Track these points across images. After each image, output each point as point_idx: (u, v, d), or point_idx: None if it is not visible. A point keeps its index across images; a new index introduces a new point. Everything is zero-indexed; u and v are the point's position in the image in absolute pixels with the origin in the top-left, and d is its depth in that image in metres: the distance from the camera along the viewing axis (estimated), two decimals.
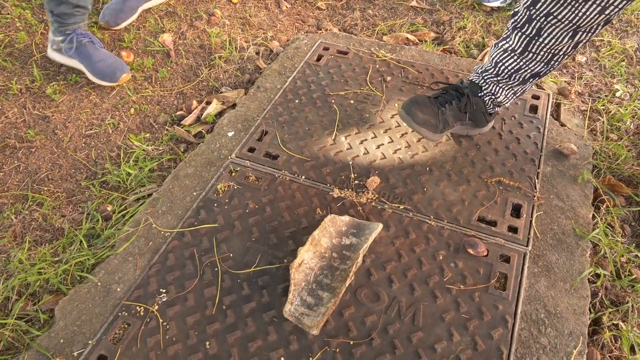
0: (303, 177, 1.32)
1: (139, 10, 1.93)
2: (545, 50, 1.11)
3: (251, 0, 2.08)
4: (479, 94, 1.29)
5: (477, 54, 1.77)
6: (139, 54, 1.81)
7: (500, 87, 1.26)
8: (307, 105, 1.53)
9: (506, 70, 1.20)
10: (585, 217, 1.23)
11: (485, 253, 1.14)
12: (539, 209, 1.24)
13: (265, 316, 1.04)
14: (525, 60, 1.15)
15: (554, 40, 1.08)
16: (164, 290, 1.09)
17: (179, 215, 1.25)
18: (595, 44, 1.82)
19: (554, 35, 1.07)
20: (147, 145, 1.49)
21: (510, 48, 1.16)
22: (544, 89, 1.58)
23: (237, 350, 1.00)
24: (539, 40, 1.09)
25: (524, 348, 1.00)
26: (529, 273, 1.12)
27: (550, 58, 1.13)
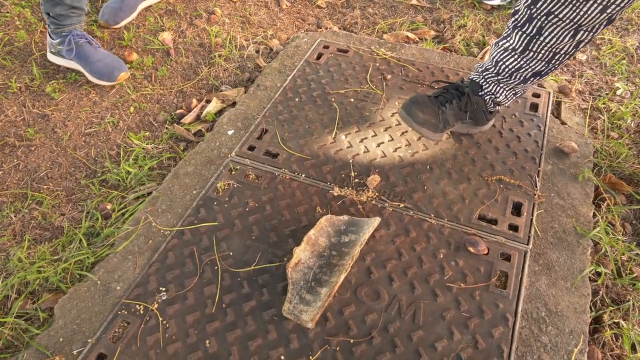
0: (303, 176, 1.31)
1: (138, 9, 1.92)
2: (546, 49, 1.10)
3: None
4: (480, 93, 1.29)
5: (478, 53, 1.76)
6: (138, 52, 1.81)
7: (500, 87, 1.26)
8: (307, 104, 1.52)
9: (507, 70, 1.20)
10: (586, 216, 1.22)
11: (485, 251, 1.14)
12: (540, 207, 1.24)
13: (265, 314, 1.04)
14: (526, 59, 1.15)
15: (555, 39, 1.07)
16: (164, 289, 1.09)
17: (178, 213, 1.24)
18: (596, 42, 1.81)
19: (555, 34, 1.06)
20: (147, 144, 1.48)
21: (510, 47, 1.16)
22: (544, 87, 1.58)
23: (237, 348, 0.99)
24: (539, 39, 1.09)
25: (524, 346, 1.00)
26: (530, 271, 1.11)
27: (552, 57, 1.12)
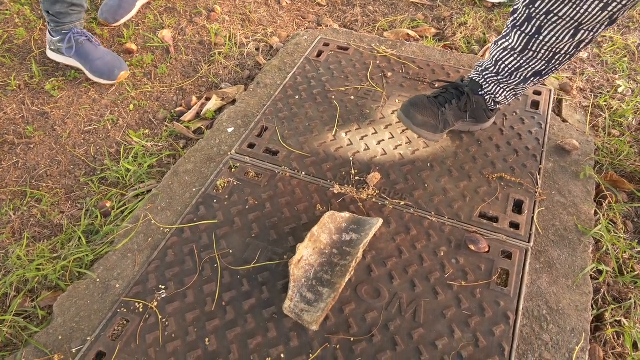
0: (303, 173, 1.31)
1: (137, 6, 1.92)
2: (546, 48, 1.09)
3: None
4: (480, 92, 1.28)
5: (479, 50, 1.76)
6: (138, 50, 1.80)
7: (500, 87, 1.25)
8: (308, 101, 1.52)
9: (507, 69, 1.19)
10: (587, 214, 1.22)
11: (486, 249, 1.13)
12: (541, 205, 1.23)
13: (265, 313, 1.03)
14: (525, 59, 1.14)
15: (554, 38, 1.05)
16: (163, 287, 1.08)
17: (178, 211, 1.24)
18: (597, 40, 1.81)
19: (554, 33, 1.04)
20: (147, 142, 1.48)
21: (510, 47, 1.14)
22: (545, 85, 1.57)
23: (237, 346, 0.99)
24: (539, 38, 1.07)
25: (525, 345, 0.99)
26: (531, 269, 1.11)
27: (552, 57, 1.11)
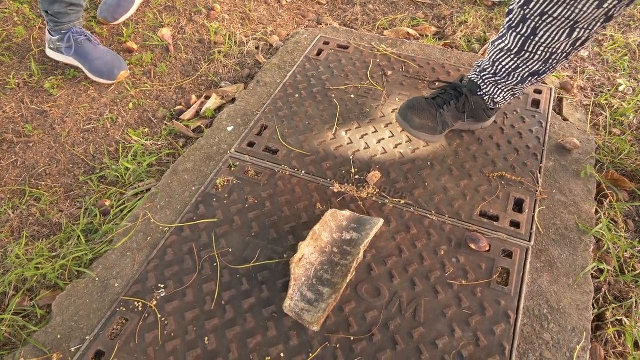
0: (303, 172, 1.30)
1: (136, 5, 1.91)
2: (542, 49, 1.08)
3: None
4: (479, 93, 1.28)
5: (479, 49, 1.75)
6: (137, 48, 1.80)
7: (498, 89, 1.25)
8: (307, 100, 1.51)
9: (504, 70, 1.18)
10: (588, 212, 1.21)
11: (487, 248, 1.13)
12: (542, 203, 1.23)
13: (264, 312, 1.03)
14: (522, 60, 1.13)
15: (550, 38, 1.04)
16: (163, 286, 1.08)
17: (177, 210, 1.24)
18: (598, 38, 1.80)
19: (550, 33, 1.03)
20: (146, 140, 1.47)
21: (506, 48, 1.14)
22: (546, 84, 1.57)
23: (237, 345, 0.98)
24: (534, 39, 1.06)
25: (526, 344, 0.99)
26: (532, 268, 1.10)
27: (549, 57, 1.10)
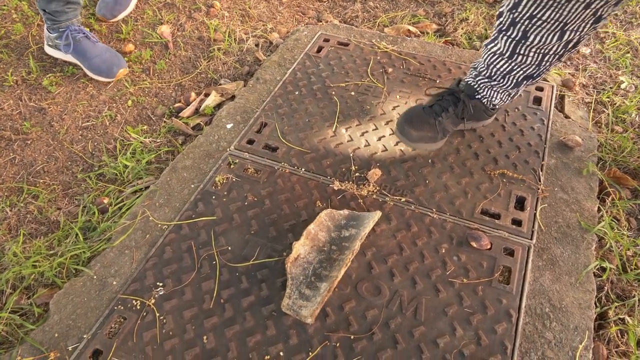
0: (303, 170, 1.29)
1: (134, 1, 1.90)
2: (534, 51, 1.07)
3: None
4: (476, 97, 1.27)
5: (480, 46, 1.74)
6: (137, 45, 1.79)
7: (494, 91, 1.24)
8: (307, 97, 1.50)
9: (499, 72, 1.17)
10: (590, 210, 1.20)
11: (488, 246, 1.12)
12: (544, 201, 1.22)
13: (264, 310, 1.02)
14: (516, 63, 1.12)
15: (541, 41, 1.04)
16: (161, 284, 1.07)
17: (176, 207, 1.23)
18: (600, 35, 1.79)
19: (541, 36, 1.03)
20: (145, 138, 1.46)
21: (498, 51, 1.13)
22: (547, 81, 1.56)
23: (236, 344, 0.97)
24: (526, 43, 1.06)
25: (528, 343, 0.98)
26: (534, 266, 1.09)
27: (542, 59, 1.09)
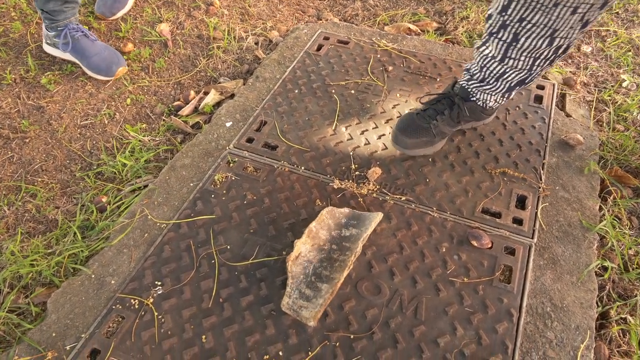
0: (302, 168, 1.29)
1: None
2: (525, 55, 1.07)
3: None
4: (471, 99, 1.26)
5: None
6: (135, 44, 1.78)
7: (487, 94, 1.23)
8: (307, 95, 1.49)
9: (491, 75, 1.17)
10: (592, 209, 1.20)
11: (489, 245, 1.11)
12: (545, 200, 1.21)
13: (263, 309, 1.01)
14: (508, 66, 1.12)
15: (532, 46, 1.03)
16: (160, 283, 1.06)
17: (175, 206, 1.22)
18: (601, 34, 1.78)
19: (531, 40, 1.02)
20: (144, 136, 1.46)
21: (490, 54, 1.12)
22: (548, 79, 1.55)
23: (234, 344, 0.97)
24: (517, 46, 1.05)
25: (529, 342, 0.97)
26: (535, 266, 1.09)
27: (532, 63, 1.09)
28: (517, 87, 1.19)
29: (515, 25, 1.01)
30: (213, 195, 1.22)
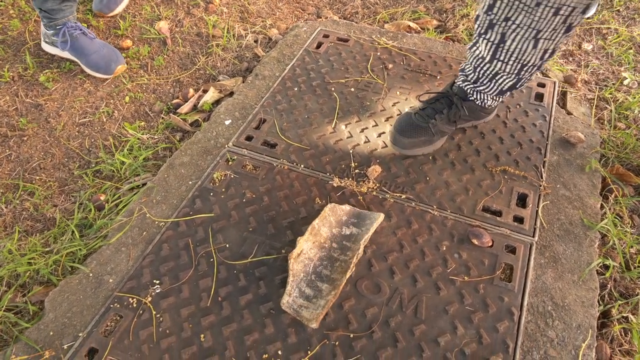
0: (302, 166, 1.28)
1: None
2: (513, 59, 1.07)
3: None
4: (469, 99, 1.25)
5: None
6: (134, 41, 1.77)
7: (483, 94, 1.22)
8: (307, 93, 1.49)
9: (485, 76, 1.16)
10: (593, 207, 1.19)
11: (490, 243, 1.10)
12: (546, 198, 1.20)
13: (262, 308, 1.01)
14: (497, 68, 1.12)
15: (518, 49, 1.04)
16: (158, 282, 1.05)
17: (173, 204, 1.21)
18: (602, 31, 1.77)
19: (517, 42, 1.02)
20: (142, 134, 1.45)
21: (480, 55, 1.13)
22: (549, 77, 1.54)
23: (233, 343, 0.96)
24: (504, 47, 1.05)
25: (530, 341, 0.96)
26: (536, 264, 1.08)
27: (520, 68, 1.09)
28: (508, 91, 1.19)
29: (502, 25, 1.02)
30: (212, 194, 1.22)
